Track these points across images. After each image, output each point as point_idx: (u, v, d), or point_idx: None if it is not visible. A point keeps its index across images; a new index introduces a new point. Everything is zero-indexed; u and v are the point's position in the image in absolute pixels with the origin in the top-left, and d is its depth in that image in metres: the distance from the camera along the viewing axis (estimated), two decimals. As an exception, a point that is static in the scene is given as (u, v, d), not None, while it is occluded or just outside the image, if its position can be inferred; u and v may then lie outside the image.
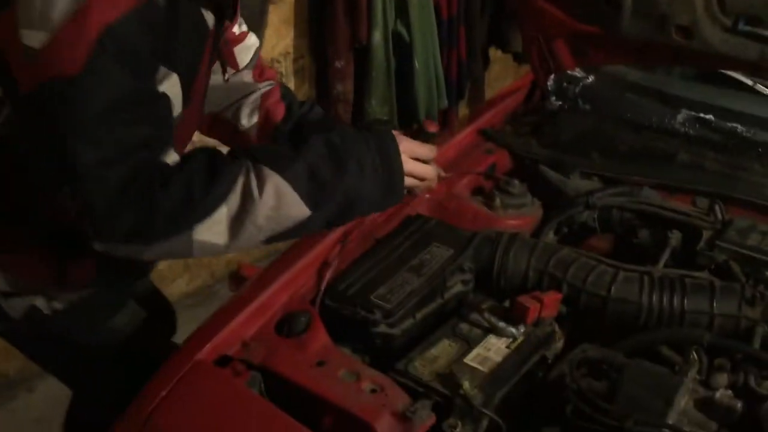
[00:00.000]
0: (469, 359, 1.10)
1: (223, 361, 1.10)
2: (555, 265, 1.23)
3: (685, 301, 1.15)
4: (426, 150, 1.25)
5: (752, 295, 1.15)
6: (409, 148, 1.20)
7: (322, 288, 1.22)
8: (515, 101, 1.82)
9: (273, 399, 1.07)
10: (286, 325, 1.16)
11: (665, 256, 1.30)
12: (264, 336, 1.14)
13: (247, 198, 1.05)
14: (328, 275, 1.23)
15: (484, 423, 1.01)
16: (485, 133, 1.66)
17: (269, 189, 1.05)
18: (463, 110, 3.41)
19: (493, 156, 1.56)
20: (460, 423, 1.00)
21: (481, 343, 1.14)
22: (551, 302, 1.17)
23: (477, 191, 1.48)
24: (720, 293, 1.16)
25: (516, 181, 1.41)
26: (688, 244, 1.31)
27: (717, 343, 1.07)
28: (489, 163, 1.53)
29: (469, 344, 1.14)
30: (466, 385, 1.02)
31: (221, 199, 1.03)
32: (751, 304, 1.14)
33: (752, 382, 1.02)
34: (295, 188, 1.06)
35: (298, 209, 1.08)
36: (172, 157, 1.05)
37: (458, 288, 1.26)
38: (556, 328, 1.19)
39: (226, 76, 1.34)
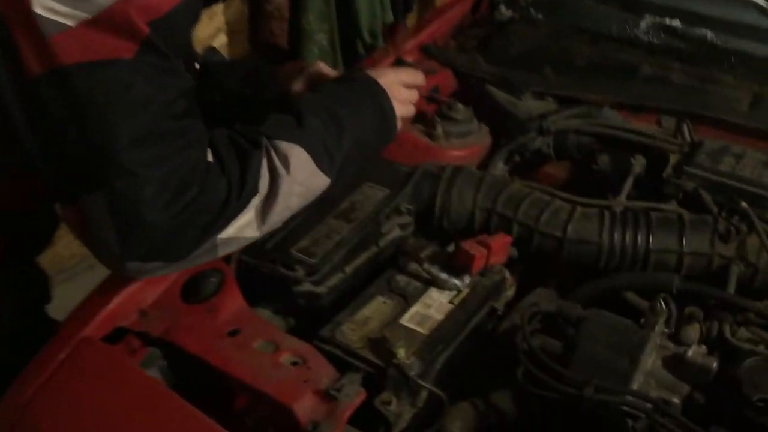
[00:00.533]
0: (406, 319, 0.95)
1: (117, 335, 0.94)
2: (504, 203, 1.08)
3: (651, 238, 1.01)
4: (412, 75, 1.17)
5: (726, 228, 1.01)
6: (396, 78, 1.12)
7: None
8: (461, 12, 1.61)
9: (177, 379, 0.92)
10: (193, 288, 0.99)
11: (628, 185, 1.15)
12: (167, 302, 0.97)
13: (275, 178, 0.92)
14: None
15: (423, 395, 0.87)
16: (427, 50, 1.46)
17: (294, 163, 0.94)
18: (411, 24, 3.18)
19: (436, 76, 1.36)
20: (394, 398, 0.86)
21: (421, 299, 0.98)
22: (500, 247, 1.02)
23: (417, 118, 1.30)
24: (690, 228, 1.02)
25: (460, 105, 1.24)
26: (653, 170, 1.17)
27: (687, 288, 0.94)
28: (431, 85, 1.34)
29: (407, 301, 0.98)
30: (401, 352, 0.87)
31: (253, 191, 0.91)
32: (724, 240, 1.00)
33: (727, 332, 0.90)
34: (314, 158, 0.96)
35: (321, 180, 0.98)
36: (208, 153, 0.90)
37: (395, 233, 1.09)
38: (507, 274, 1.05)
39: None
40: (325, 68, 1.21)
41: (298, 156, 0.94)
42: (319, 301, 1.00)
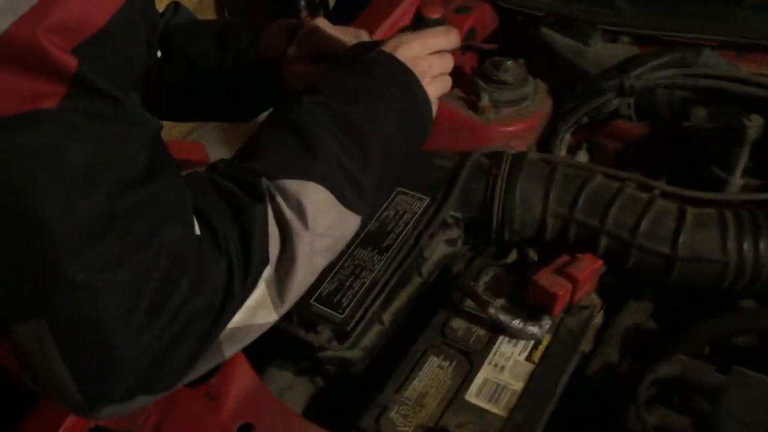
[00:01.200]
0: (473, 394, 0.71)
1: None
2: (586, 207, 0.80)
3: (795, 246, 0.74)
4: (444, 38, 0.84)
5: None
6: (421, 47, 0.80)
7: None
8: None
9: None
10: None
11: (742, 159, 0.87)
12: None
13: (289, 236, 0.64)
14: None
15: None
16: (454, -23, 1.14)
17: (312, 208, 0.65)
18: None
19: (471, 15, 1.05)
20: None
21: (488, 357, 0.74)
22: (588, 277, 0.76)
23: (456, 79, 1.00)
24: None
25: (509, 62, 0.93)
26: (774, 135, 0.88)
27: None
28: (465, 28, 1.04)
29: (471, 360, 0.74)
30: (476, 459, 0.64)
31: (263, 262, 0.62)
32: None
33: None
34: (337, 195, 0.67)
35: (350, 221, 0.70)
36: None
37: (440, 251, 0.84)
38: (594, 299, 0.80)
39: None
40: (324, 24, 0.90)
41: (315, 197, 0.65)
42: (354, 367, 0.75)
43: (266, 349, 0.79)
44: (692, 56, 0.92)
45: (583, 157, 1.00)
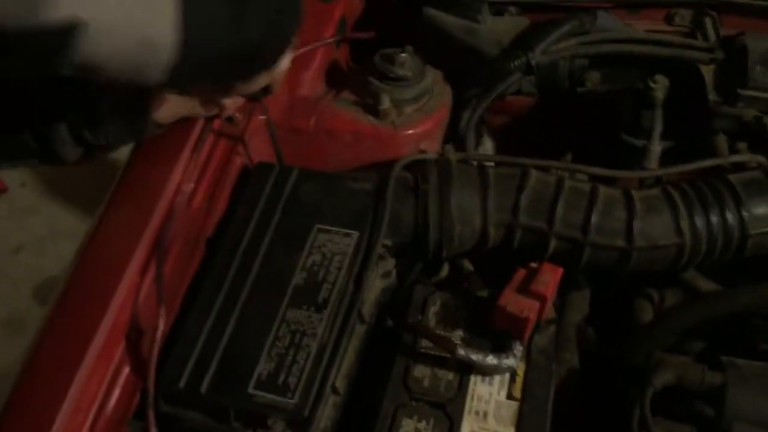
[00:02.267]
0: (464, 453, 0.62)
1: None
2: (530, 210, 0.72)
3: (744, 215, 0.71)
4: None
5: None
6: None
7: (150, 386, 0.63)
8: None
9: None
10: None
11: (657, 125, 0.83)
12: None
13: None
14: (153, 352, 0.64)
15: None
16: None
17: None
18: None
19: (339, 4, 0.91)
20: None
21: (467, 404, 0.65)
22: (553, 290, 0.68)
23: (336, 79, 0.88)
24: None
25: (403, 53, 0.82)
26: (680, 95, 0.85)
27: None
28: (336, 19, 0.90)
29: (447, 414, 0.64)
30: None
31: None
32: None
33: None
34: None
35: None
36: None
37: (378, 288, 0.73)
38: (553, 311, 0.73)
39: None
40: None
41: None
42: (317, 453, 0.63)
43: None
44: (590, 21, 0.86)
45: (488, 143, 0.93)
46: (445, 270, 0.81)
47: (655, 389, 0.62)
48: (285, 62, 0.69)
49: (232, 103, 0.73)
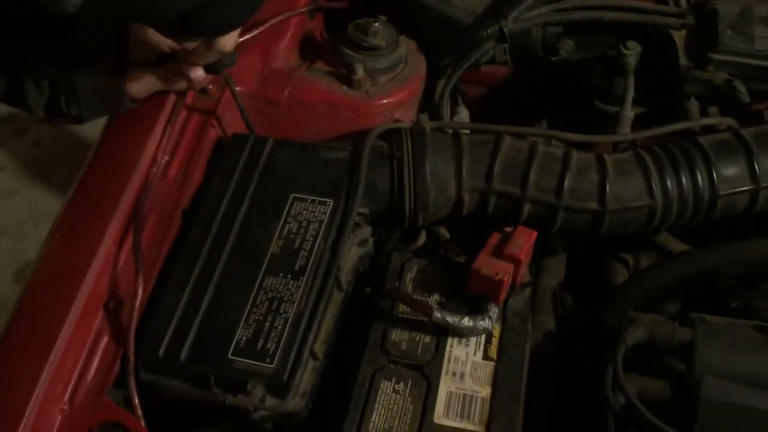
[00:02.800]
0: (440, 413, 0.63)
1: None
2: (503, 176, 0.73)
3: (715, 176, 0.72)
4: None
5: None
6: None
7: (130, 354, 0.64)
8: None
9: None
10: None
11: (629, 91, 0.84)
12: None
13: None
14: (132, 321, 0.64)
15: None
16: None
17: None
18: None
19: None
20: None
21: (444, 365, 0.66)
22: (528, 252, 0.69)
23: (310, 50, 0.88)
24: (757, 147, 0.73)
25: (376, 23, 0.82)
26: (652, 61, 0.86)
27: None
28: (309, -10, 0.90)
29: (425, 375, 0.65)
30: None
31: None
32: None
33: None
34: None
35: None
36: None
37: (354, 256, 0.73)
38: (528, 275, 0.74)
39: None
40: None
41: None
42: (296, 418, 0.64)
43: (180, 421, 0.66)
44: (560, -13, 0.87)
45: (463, 113, 0.93)
46: (422, 238, 0.82)
47: (627, 346, 0.63)
48: (228, 40, 0.68)
49: (202, 77, 0.74)
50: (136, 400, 0.62)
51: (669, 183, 0.72)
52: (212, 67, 0.71)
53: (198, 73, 0.73)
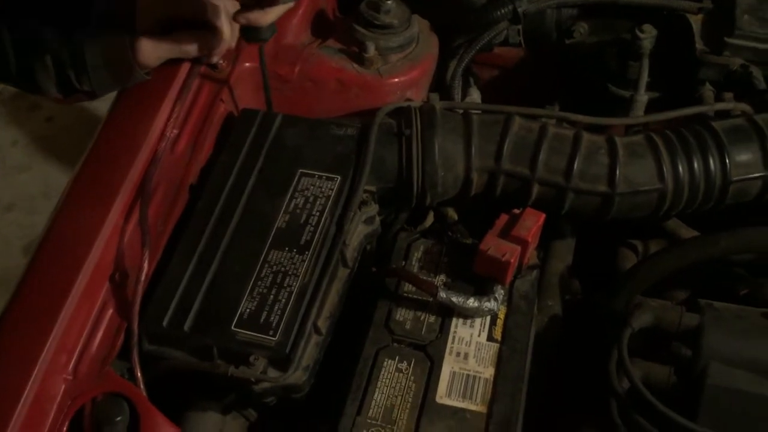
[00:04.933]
0: (443, 393, 0.63)
1: None
2: (513, 156, 0.72)
3: (728, 162, 0.71)
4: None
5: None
6: None
7: (134, 325, 0.64)
8: None
9: None
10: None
11: (643, 75, 0.83)
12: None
13: None
14: (137, 293, 0.65)
15: None
16: None
17: None
18: None
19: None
20: None
21: (448, 345, 0.66)
22: (536, 234, 0.69)
23: (322, 27, 0.87)
24: (769, 133, 0.72)
25: (389, 1, 0.81)
26: (668, 45, 0.85)
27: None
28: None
29: (428, 354, 0.65)
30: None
31: None
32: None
33: None
34: None
35: None
36: None
37: (361, 233, 0.73)
38: (536, 257, 0.73)
39: None
40: None
41: None
42: (298, 392, 0.64)
43: (182, 393, 0.66)
44: (576, -31, 0.86)
45: (475, 94, 0.92)
46: (429, 219, 0.82)
47: (633, 330, 0.63)
48: (277, 11, 0.69)
49: (225, 49, 0.74)
50: (139, 373, 0.62)
51: (680, 167, 0.71)
52: (254, 35, 0.70)
53: (221, 43, 0.73)
